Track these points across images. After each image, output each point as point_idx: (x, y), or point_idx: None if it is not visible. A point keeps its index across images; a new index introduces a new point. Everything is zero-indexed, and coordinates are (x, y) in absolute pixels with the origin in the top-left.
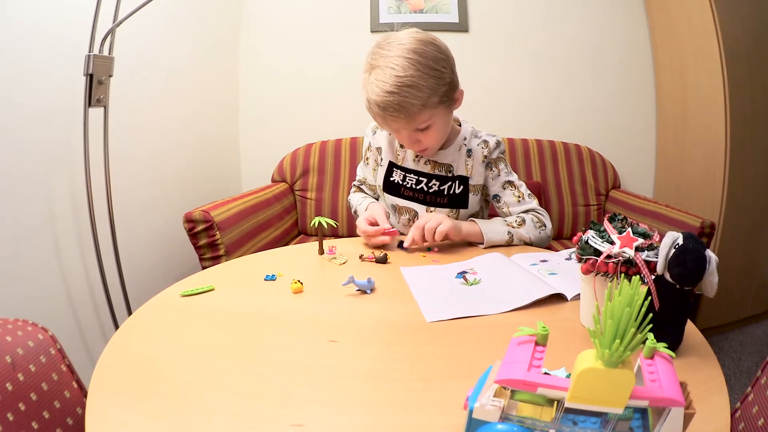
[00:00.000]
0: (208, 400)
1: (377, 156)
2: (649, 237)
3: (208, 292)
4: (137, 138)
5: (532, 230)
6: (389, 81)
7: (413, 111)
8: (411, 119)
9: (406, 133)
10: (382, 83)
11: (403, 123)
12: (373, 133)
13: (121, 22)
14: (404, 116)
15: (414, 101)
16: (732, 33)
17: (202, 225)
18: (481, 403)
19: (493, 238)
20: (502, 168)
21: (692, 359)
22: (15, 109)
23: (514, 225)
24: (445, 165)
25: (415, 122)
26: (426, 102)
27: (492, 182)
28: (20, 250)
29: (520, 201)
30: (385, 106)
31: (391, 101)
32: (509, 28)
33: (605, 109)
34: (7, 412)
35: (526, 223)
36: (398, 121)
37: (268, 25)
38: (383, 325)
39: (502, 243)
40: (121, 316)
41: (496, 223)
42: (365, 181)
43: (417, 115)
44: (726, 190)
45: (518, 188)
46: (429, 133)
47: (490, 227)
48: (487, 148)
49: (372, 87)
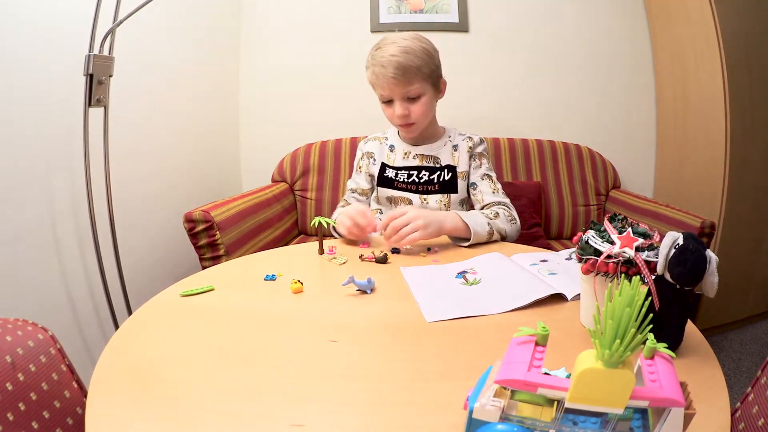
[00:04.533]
0: (209, 400)
1: (369, 161)
2: (649, 237)
3: (208, 292)
4: (137, 138)
5: (505, 222)
6: (393, 50)
7: (410, 74)
8: (407, 81)
9: (398, 100)
10: (388, 50)
11: (400, 84)
12: (365, 143)
13: (121, 22)
14: (402, 76)
15: (411, 65)
16: (732, 33)
17: (202, 225)
18: (481, 403)
19: (477, 230)
20: (484, 162)
21: (692, 359)
22: (15, 108)
23: (490, 216)
24: (432, 157)
25: (410, 86)
26: (419, 68)
27: (473, 171)
28: (20, 250)
29: (495, 193)
30: (387, 65)
31: (394, 61)
32: (509, 28)
33: (605, 109)
34: (7, 412)
35: (499, 216)
36: (396, 80)
37: (268, 25)
38: (383, 325)
39: (484, 235)
40: (121, 316)
41: (476, 215)
42: (357, 189)
43: (412, 78)
44: (726, 190)
45: (495, 183)
46: (418, 105)
47: (473, 219)
48: (472, 142)
49: (378, 55)
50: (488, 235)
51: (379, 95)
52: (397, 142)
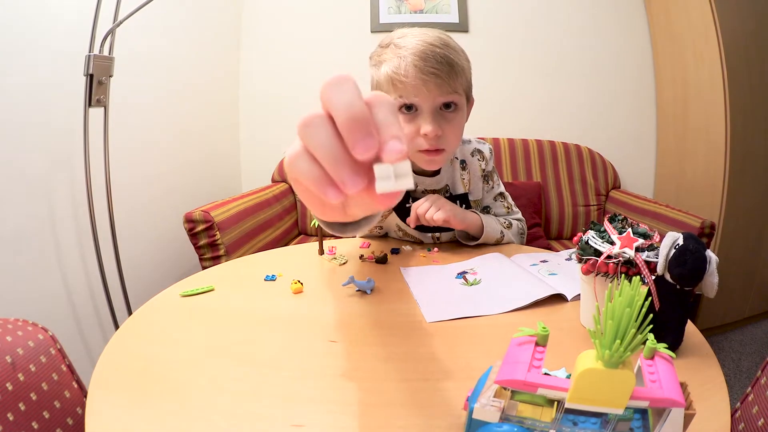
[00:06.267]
0: (208, 400)
1: None
2: (649, 237)
3: (208, 293)
4: (137, 138)
5: (516, 235)
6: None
7: (455, 73)
8: (451, 79)
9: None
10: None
11: (442, 84)
12: None
13: (121, 22)
14: (446, 74)
15: (457, 62)
16: (732, 33)
17: (202, 225)
18: (481, 404)
19: (489, 233)
20: (496, 180)
21: (692, 359)
22: (15, 109)
23: (504, 225)
24: (441, 188)
25: (454, 84)
26: (464, 70)
27: (486, 194)
28: (20, 250)
29: (509, 212)
30: (425, 57)
31: (437, 52)
32: (509, 28)
33: (605, 109)
34: (7, 412)
35: (512, 228)
36: (438, 80)
37: (268, 25)
38: (383, 325)
39: (493, 240)
40: (121, 316)
41: (491, 221)
42: None
43: (456, 81)
44: (726, 190)
45: (507, 199)
46: (453, 124)
47: (489, 222)
48: (484, 160)
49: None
50: (496, 241)
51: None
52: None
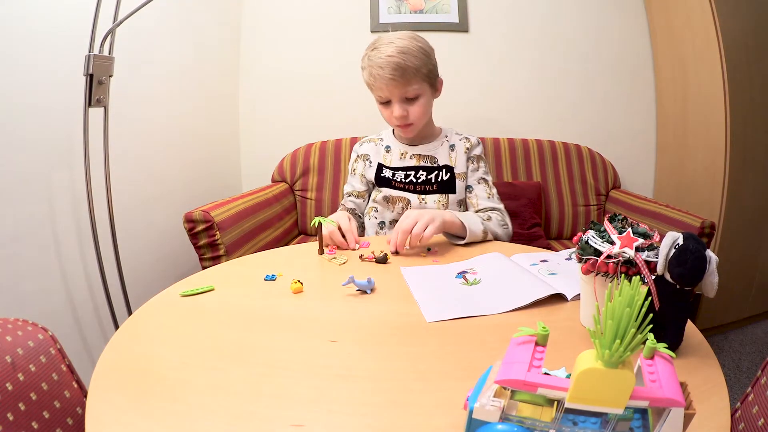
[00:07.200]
0: (208, 400)
1: (365, 163)
2: (649, 237)
3: (208, 292)
4: (137, 138)
5: (497, 226)
6: (390, 50)
7: (408, 74)
8: (406, 82)
9: (397, 101)
10: (384, 50)
11: (399, 85)
12: (360, 145)
13: (121, 22)
14: (400, 77)
15: (410, 65)
16: (732, 32)
17: (202, 225)
18: (481, 404)
19: (473, 229)
20: (482, 166)
21: (692, 359)
22: (15, 108)
23: (483, 218)
24: (429, 157)
25: (409, 86)
26: (418, 69)
27: (470, 174)
28: (20, 250)
29: (489, 198)
30: (385, 66)
31: (392, 62)
32: (509, 28)
33: (605, 109)
34: (7, 412)
35: (492, 220)
36: (395, 82)
37: (268, 25)
38: (383, 325)
39: (479, 234)
40: (121, 316)
41: (469, 215)
42: (353, 192)
43: (411, 79)
44: (726, 190)
45: (491, 187)
46: (416, 106)
47: (468, 218)
48: (469, 143)
49: (375, 56)
50: (483, 234)
51: (376, 96)
52: (393, 143)
